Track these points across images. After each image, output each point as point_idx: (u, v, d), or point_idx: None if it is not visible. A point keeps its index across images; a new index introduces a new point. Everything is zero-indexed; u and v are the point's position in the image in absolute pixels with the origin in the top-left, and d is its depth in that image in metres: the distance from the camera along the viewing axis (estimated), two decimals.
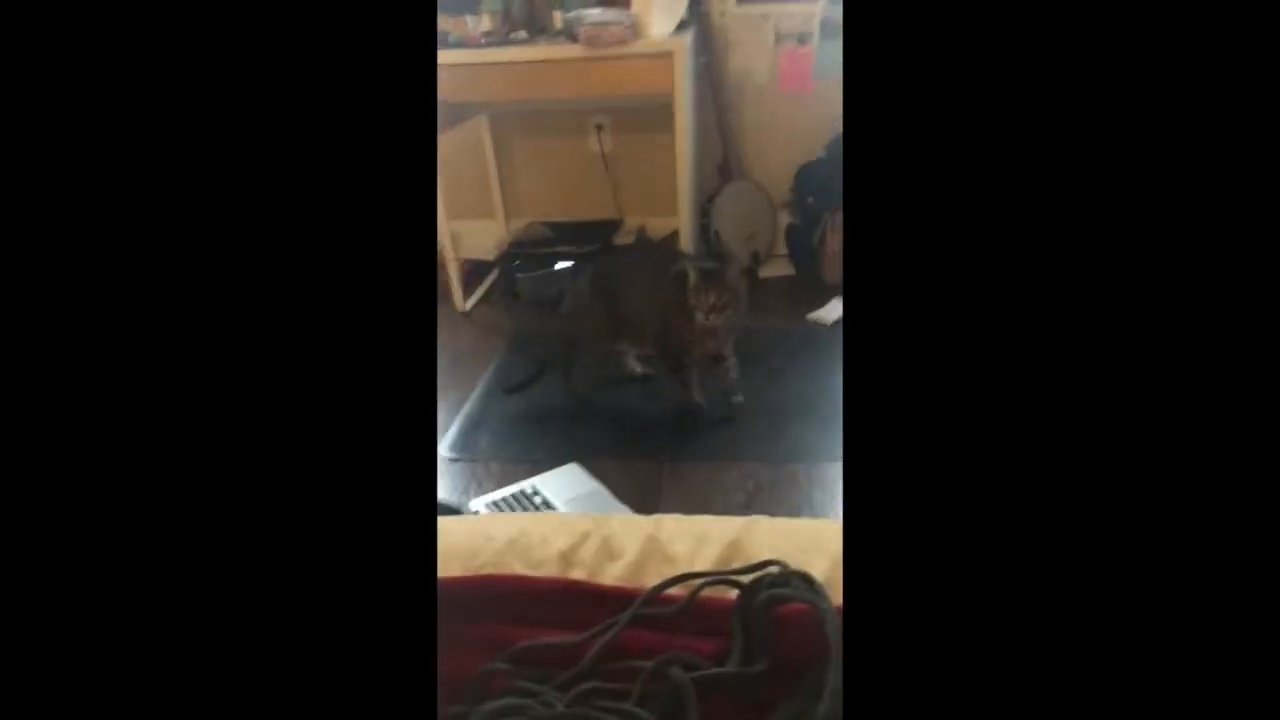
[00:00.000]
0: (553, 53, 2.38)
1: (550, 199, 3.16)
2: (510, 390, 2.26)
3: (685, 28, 2.54)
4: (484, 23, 2.43)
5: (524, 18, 2.51)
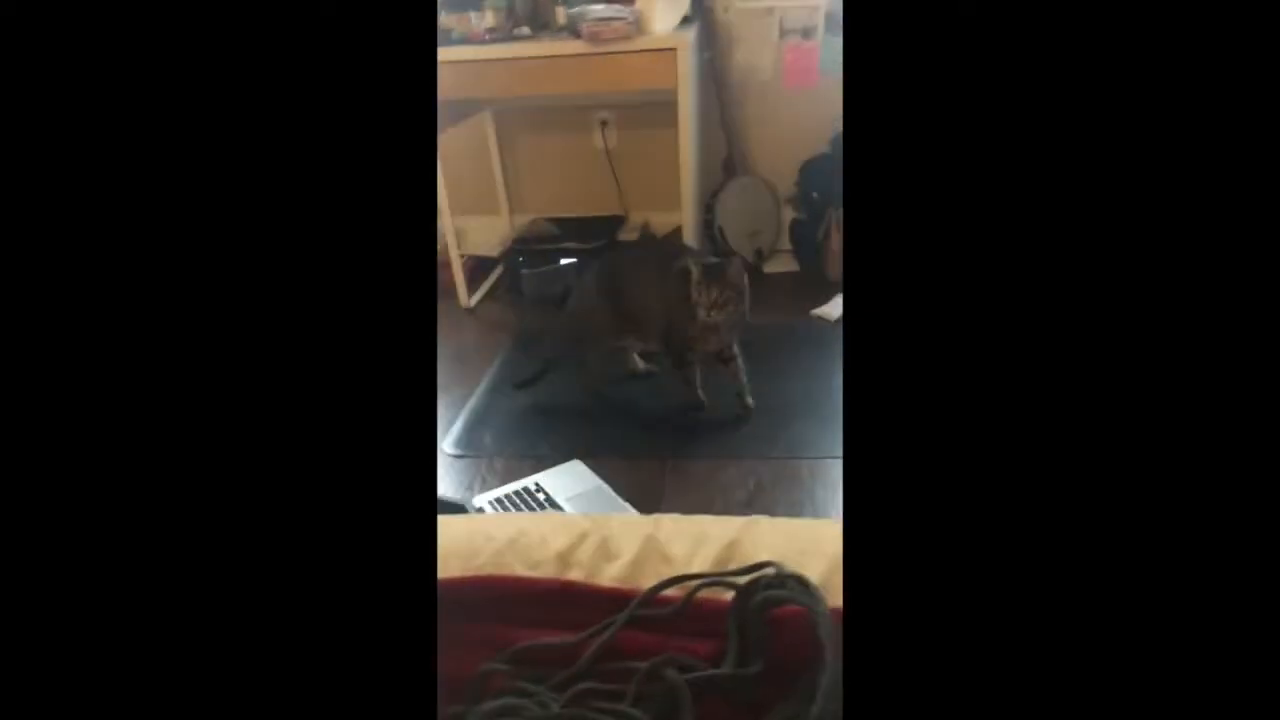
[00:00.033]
0: (556, 48, 2.38)
1: (554, 195, 3.16)
2: (520, 386, 2.26)
3: (689, 23, 2.53)
4: (487, 19, 2.43)
5: (527, 14, 2.51)
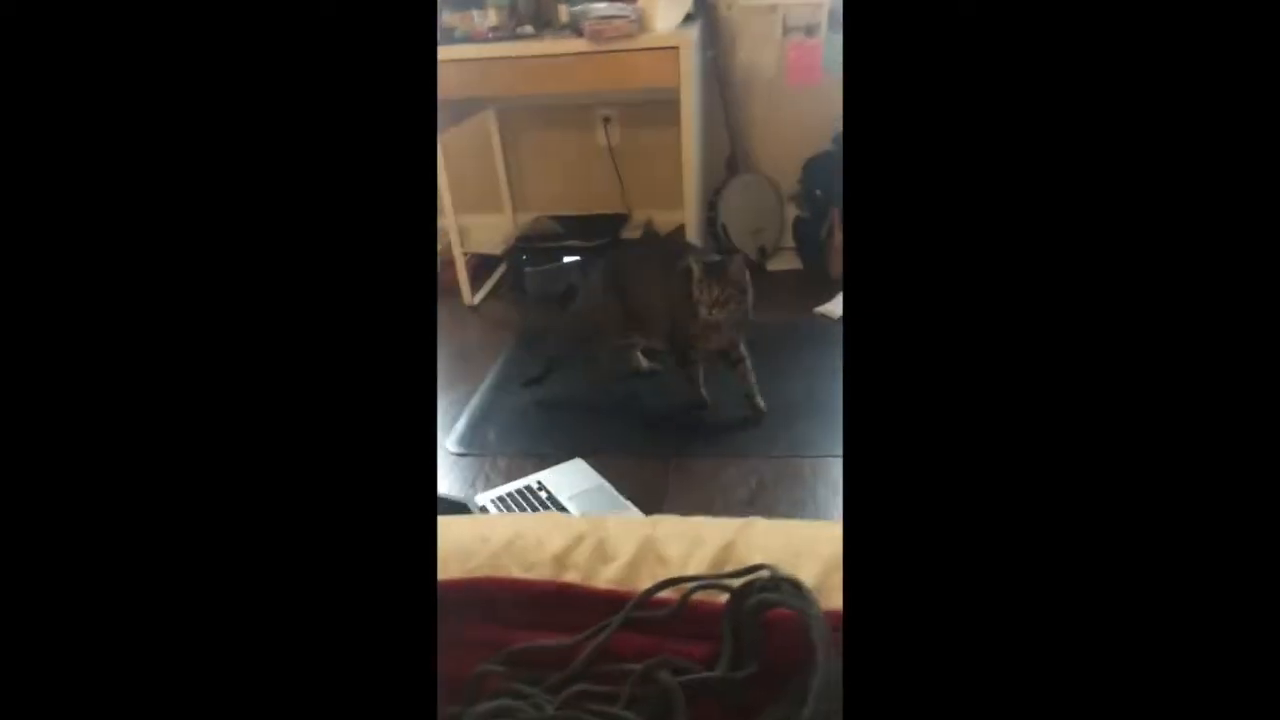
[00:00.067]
0: (559, 47, 2.38)
1: (557, 193, 3.16)
2: (527, 384, 2.27)
3: (691, 21, 2.53)
4: (490, 17, 2.43)
5: (530, 12, 2.51)
